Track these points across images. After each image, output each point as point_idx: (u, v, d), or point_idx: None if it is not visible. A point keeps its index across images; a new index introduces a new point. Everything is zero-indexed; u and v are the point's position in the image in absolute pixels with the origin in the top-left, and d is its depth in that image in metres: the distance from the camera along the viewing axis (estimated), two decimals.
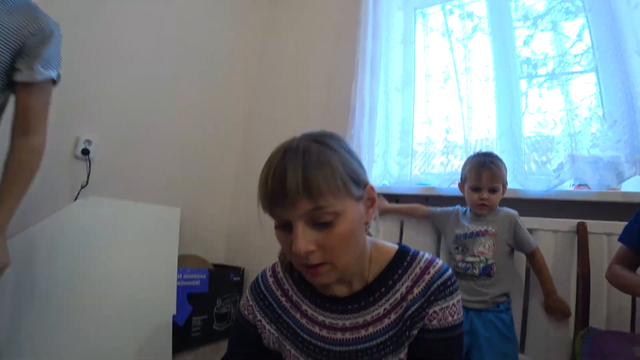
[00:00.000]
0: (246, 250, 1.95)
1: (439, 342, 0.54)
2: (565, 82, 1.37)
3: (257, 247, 1.80)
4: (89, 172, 1.48)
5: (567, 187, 1.32)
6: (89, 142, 1.48)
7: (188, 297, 1.57)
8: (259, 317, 0.63)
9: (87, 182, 1.47)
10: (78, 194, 1.44)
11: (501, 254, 1.14)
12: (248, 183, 2.12)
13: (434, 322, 0.54)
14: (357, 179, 0.52)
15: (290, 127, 0.59)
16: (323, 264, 0.50)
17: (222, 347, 1.57)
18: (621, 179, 1.19)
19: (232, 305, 1.74)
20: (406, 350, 0.55)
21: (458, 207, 1.30)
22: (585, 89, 1.36)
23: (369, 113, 1.68)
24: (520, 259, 1.24)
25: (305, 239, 0.48)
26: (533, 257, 1.16)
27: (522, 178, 1.36)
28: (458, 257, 1.17)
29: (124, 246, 1.43)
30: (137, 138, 1.68)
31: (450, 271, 0.57)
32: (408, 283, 0.56)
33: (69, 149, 1.45)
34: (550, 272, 1.15)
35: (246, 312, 0.64)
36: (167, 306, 1.46)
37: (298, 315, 0.61)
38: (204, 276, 1.64)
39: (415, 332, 0.54)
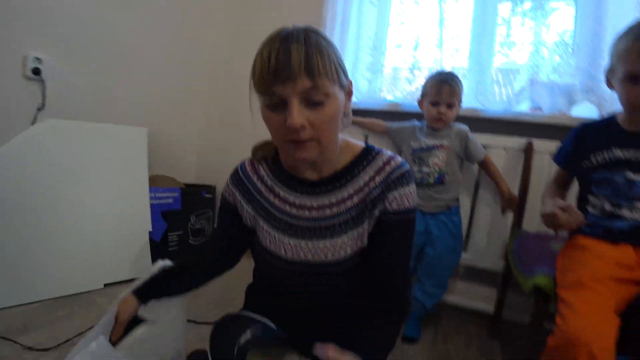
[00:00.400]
0: (217, 169, 1.97)
1: (396, 223, 0.62)
2: (545, 14, 1.37)
3: (227, 165, 1.80)
4: (44, 93, 1.35)
5: (524, 109, 1.42)
6: (38, 60, 1.33)
7: (162, 215, 1.62)
8: (238, 198, 0.70)
9: (44, 104, 1.35)
10: (35, 117, 1.34)
11: (452, 164, 1.28)
12: (220, 102, 2.05)
13: (394, 204, 0.62)
14: (344, 70, 0.59)
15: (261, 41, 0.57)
16: (310, 140, 0.56)
17: None
18: (572, 103, 1.29)
19: (205, 221, 1.82)
20: (366, 227, 0.63)
21: (415, 121, 1.39)
22: (563, 22, 1.39)
23: (340, 25, 1.61)
24: (469, 170, 1.40)
25: (300, 115, 0.53)
26: (485, 164, 1.33)
27: (484, 98, 1.43)
28: (415, 168, 1.30)
29: (92, 168, 1.39)
30: (95, 56, 1.52)
31: (408, 166, 0.65)
32: (371, 173, 0.64)
33: (17, 69, 1.30)
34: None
35: (227, 195, 0.72)
36: (142, 223, 1.51)
37: (272, 197, 0.68)
38: (176, 194, 1.67)
39: (376, 212, 0.63)
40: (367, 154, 0.66)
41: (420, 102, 1.33)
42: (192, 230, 1.73)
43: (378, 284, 0.64)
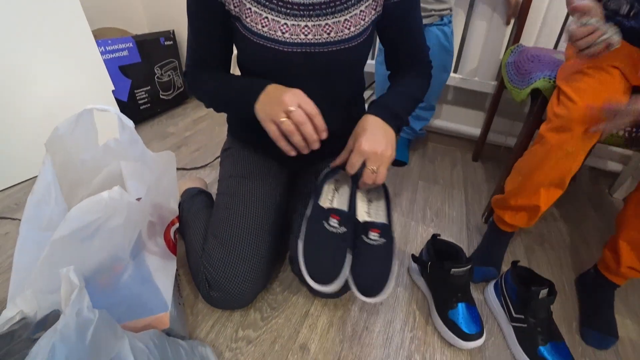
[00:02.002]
0: (170, 12, 1.66)
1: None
2: None
3: (182, 4, 1.53)
4: None
5: None
6: None
7: (122, 71, 1.43)
8: None
9: None
10: None
11: None
12: None
13: None
14: None
15: None
16: None
17: (178, 113, 1.58)
18: None
19: (173, 72, 1.63)
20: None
21: None
22: None
23: None
24: None
25: None
26: None
27: None
28: None
29: (26, 39, 1.12)
30: None
31: None
32: None
33: None
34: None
35: None
36: (101, 83, 1.33)
37: None
38: (130, 44, 1.44)
39: None
40: None
41: None
42: (161, 85, 1.57)
43: (406, 58, 0.71)
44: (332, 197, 0.67)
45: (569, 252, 0.97)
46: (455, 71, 1.35)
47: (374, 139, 0.56)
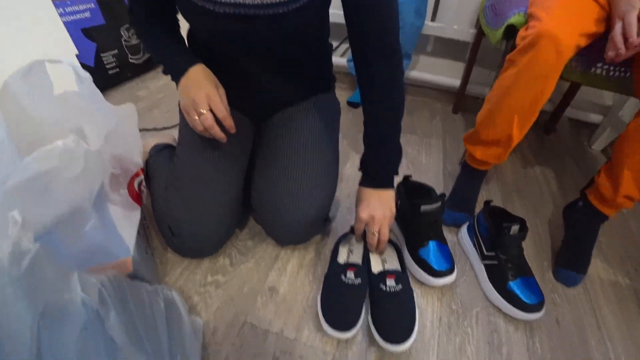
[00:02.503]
0: None
1: None
2: None
3: None
4: None
5: None
6: None
7: (85, 34, 1.36)
8: None
9: None
10: None
11: None
12: None
13: None
14: None
15: None
16: None
17: (149, 77, 1.53)
18: None
19: None
20: None
21: None
22: None
23: None
24: None
25: None
26: None
27: None
28: None
29: None
30: None
31: None
32: None
33: None
34: None
35: None
36: (64, 48, 1.26)
37: None
38: (92, 5, 1.36)
39: None
40: None
41: None
42: (129, 48, 1.49)
43: (370, 35, 0.56)
44: (347, 256, 0.72)
45: (545, 200, 0.97)
46: (433, 20, 1.31)
47: (370, 207, 0.63)
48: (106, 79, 1.44)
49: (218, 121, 0.59)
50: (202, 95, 0.57)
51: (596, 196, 0.75)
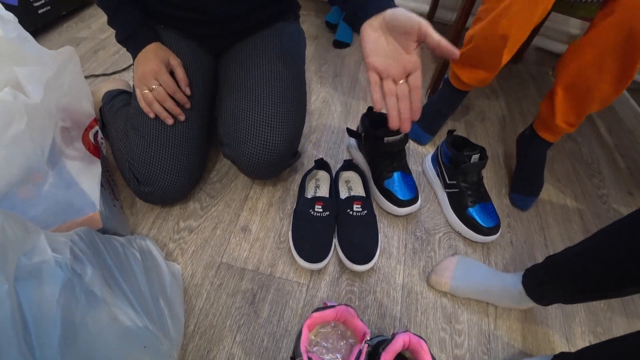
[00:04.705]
0: None
1: None
2: None
3: None
4: None
5: None
6: None
7: None
8: None
9: None
10: None
11: None
12: None
13: None
14: None
15: None
16: None
17: (88, 14, 1.36)
18: None
19: None
20: None
21: None
22: None
23: None
24: None
25: None
26: None
27: None
28: None
29: None
30: None
31: None
32: None
33: None
34: None
35: None
36: None
37: None
38: None
39: None
40: None
41: None
42: None
43: None
44: (315, 191, 0.74)
45: (507, 127, 1.01)
46: None
47: (379, 47, 0.47)
48: (36, 19, 1.26)
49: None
50: (150, 73, 0.61)
51: (539, 123, 0.80)
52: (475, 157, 0.71)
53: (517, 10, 0.64)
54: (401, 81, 0.46)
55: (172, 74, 0.65)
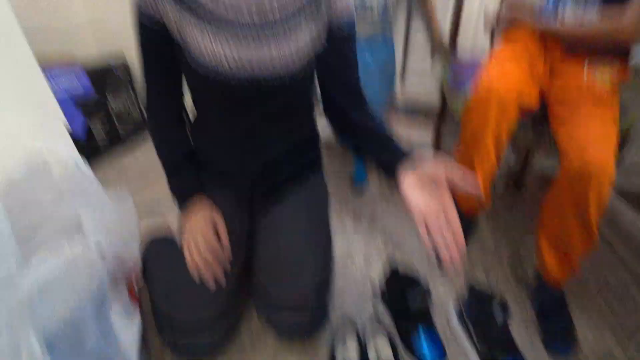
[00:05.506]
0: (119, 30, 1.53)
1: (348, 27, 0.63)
2: None
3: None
4: None
5: None
6: None
7: (75, 105, 1.34)
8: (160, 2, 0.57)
9: None
10: None
11: None
12: None
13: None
14: None
15: None
16: None
17: (138, 143, 1.50)
18: None
19: (128, 101, 1.57)
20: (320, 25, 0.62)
21: None
22: None
23: None
24: None
25: None
26: None
27: None
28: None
29: None
30: None
31: None
32: None
33: None
34: None
35: (144, 5, 0.58)
36: (53, 120, 1.24)
37: None
38: (81, 75, 1.37)
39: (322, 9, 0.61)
40: None
41: None
42: (117, 115, 1.49)
43: (346, 93, 0.68)
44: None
45: (526, 264, 0.98)
46: (402, 81, 1.41)
47: (421, 188, 0.55)
48: (95, 151, 1.43)
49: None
50: (197, 229, 0.65)
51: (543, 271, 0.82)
52: (499, 319, 0.71)
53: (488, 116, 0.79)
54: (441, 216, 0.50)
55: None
